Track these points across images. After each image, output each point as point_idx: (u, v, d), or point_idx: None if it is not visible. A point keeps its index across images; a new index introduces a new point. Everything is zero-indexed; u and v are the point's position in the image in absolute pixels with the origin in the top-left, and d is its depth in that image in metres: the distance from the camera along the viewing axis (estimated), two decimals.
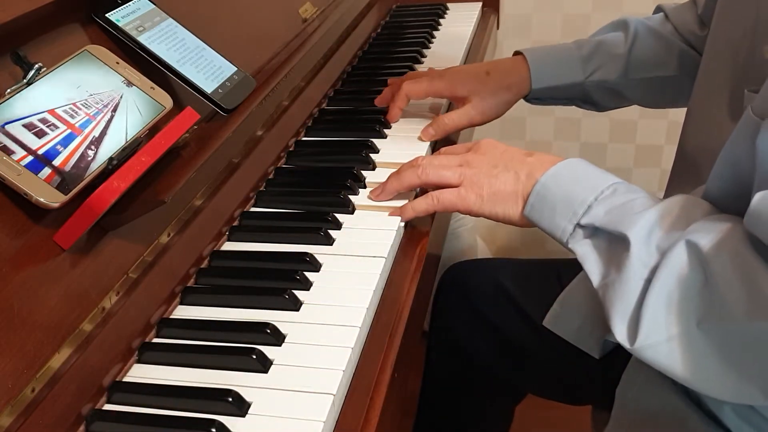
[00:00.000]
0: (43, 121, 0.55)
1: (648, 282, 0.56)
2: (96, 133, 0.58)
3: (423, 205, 0.73)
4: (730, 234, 0.54)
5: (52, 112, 0.56)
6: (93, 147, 0.57)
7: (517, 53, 0.96)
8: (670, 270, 0.55)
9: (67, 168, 0.54)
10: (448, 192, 0.72)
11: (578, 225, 0.64)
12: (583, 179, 0.66)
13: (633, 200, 0.62)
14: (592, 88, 0.95)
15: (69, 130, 0.56)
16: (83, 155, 0.56)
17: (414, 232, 0.75)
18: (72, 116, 0.57)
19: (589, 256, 0.62)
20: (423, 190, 0.77)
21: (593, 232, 0.63)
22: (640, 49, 0.94)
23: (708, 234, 0.55)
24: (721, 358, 0.53)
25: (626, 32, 0.95)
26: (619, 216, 0.61)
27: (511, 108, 0.95)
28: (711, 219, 0.58)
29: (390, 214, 0.74)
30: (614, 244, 0.61)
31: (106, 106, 0.60)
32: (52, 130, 0.55)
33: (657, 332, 0.55)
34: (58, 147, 0.55)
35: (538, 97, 0.96)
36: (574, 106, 1.01)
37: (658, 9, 0.99)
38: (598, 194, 0.64)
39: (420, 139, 0.90)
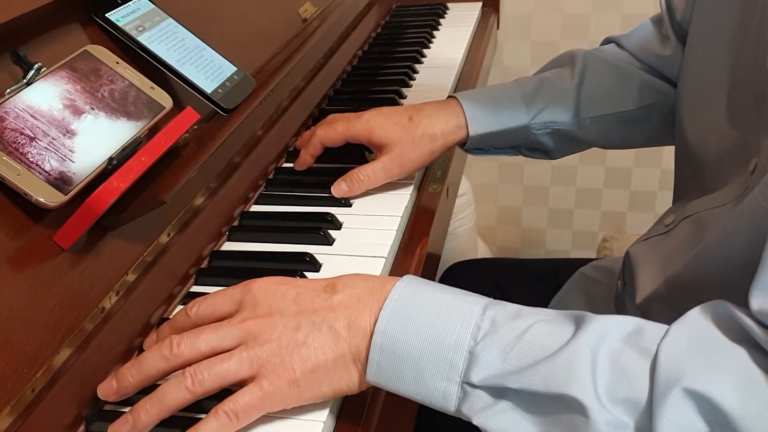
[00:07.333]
0: (43, 120, 0.55)
1: None
2: (96, 132, 0.58)
3: (213, 428, 0.48)
4: (755, 381, 0.40)
5: (51, 111, 0.56)
6: (93, 147, 0.57)
7: (450, 97, 0.83)
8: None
9: (67, 168, 0.54)
10: (246, 395, 0.48)
11: (469, 384, 0.46)
12: (436, 310, 0.48)
13: (528, 330, 0.46)
14: (539, 133, 0.83)
15: (69, 130, 0.56)
16: (83, 155, 0.56)
17: (414, 232, 0.75)
18: (72, 116, 0.57)
19: (514, 430, 0.45)
20: None
21: (501, 393, 0.45)
22: (591, 83, 0.83)
23: (712, 377, 0.41)
24: None
25: (572, 66, 0.84)
26: (528, 361, 0.45)
27: (435, 157, 0.81)
28: (694, 346, 0.43)
29: None
30: (546, 405, 0.44)
31: (106, 105, 0.60)
32: (52, 130, 0.55)
33: None
34: (58, 147, 0.55)
35: (478, 147, 0.83)
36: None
37: (607, 41, 0.90)
38: (475, 331, 0.47)
39: (333, 194, 0.77)
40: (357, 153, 0.83)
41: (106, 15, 0.66)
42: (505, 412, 0.45)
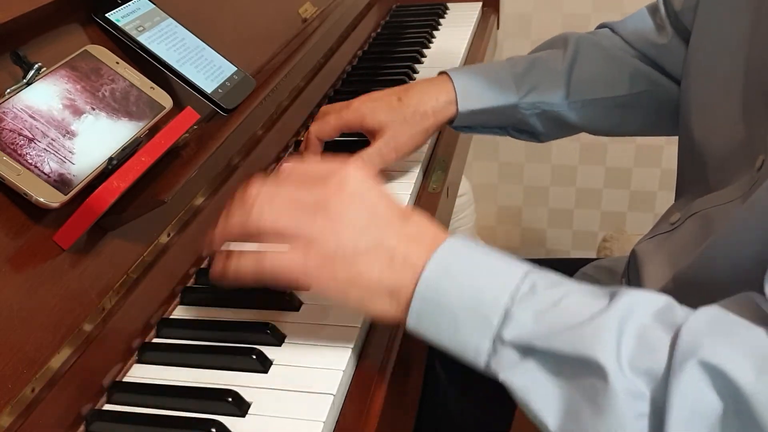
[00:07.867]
0: (43, 120, 0.55)
1: (649, 419, 0.43)
2: (96, 132, 0.58)
3: (249, 266, 0.52)
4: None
5: (51, 111, 0.56)
6: (93, 147, 0.57)
7: (441, 73, 0.83)
8: (684, 403, 0.41)
9: (67, 168, 0.54)
10: (290, 258, 0.51)
11: (500, 340, 0.47)
12: (481, 269, 0.49)
13: (565, 297, 0.47)
14: (528, 114, 0.82)
15: (69, 130, 0.56)
16: (83, 155, 0.56)
17: None
18: (72, 116, 0.57)
19: (536, 389, 0.46)
20: None
21: (528, 352, 0.46)
22: (583, 66, 0.82)
23: (728, 351, 0.41)
24: None
25: (565, 48, 0.84)
26: (559, 326, 0.46)
27: (431, 137, 0.81)
28: (714, 323, 0.44)
29: (210, 272, 0.56)
30: (569, 368, 0.45)
31: (106, 105, 0.60)
32: (52, 130, 0.55)
33: None
34: (58, 147, 0.55)
35: (466, 124, 0.83)
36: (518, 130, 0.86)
37: (602, 26, 0.90)
38: (514, 291, 0.47)
39: None
40: (357, 151, 0.83)
41: (106, 15, 0.66)
42: (530, 371, 0.46)
